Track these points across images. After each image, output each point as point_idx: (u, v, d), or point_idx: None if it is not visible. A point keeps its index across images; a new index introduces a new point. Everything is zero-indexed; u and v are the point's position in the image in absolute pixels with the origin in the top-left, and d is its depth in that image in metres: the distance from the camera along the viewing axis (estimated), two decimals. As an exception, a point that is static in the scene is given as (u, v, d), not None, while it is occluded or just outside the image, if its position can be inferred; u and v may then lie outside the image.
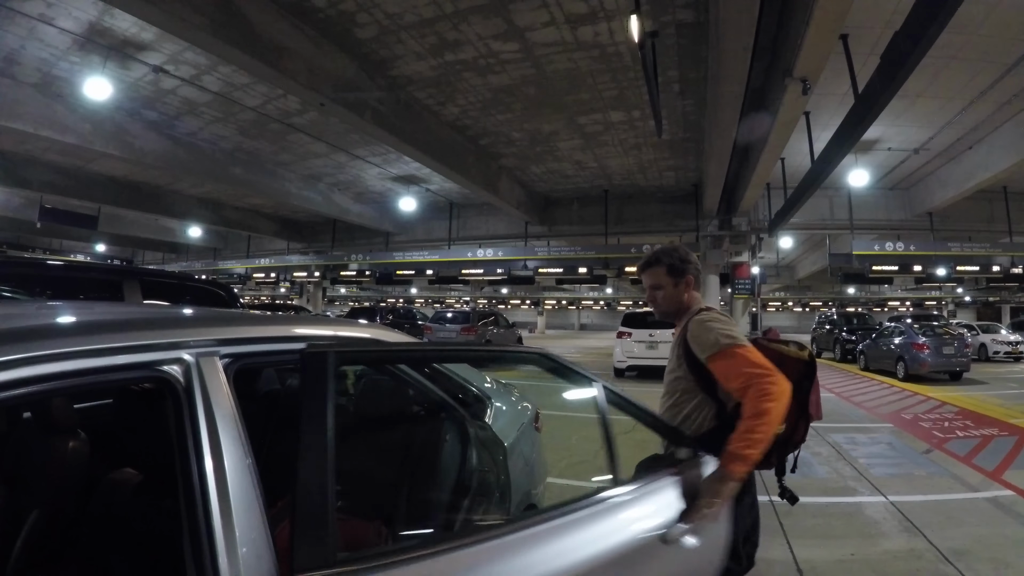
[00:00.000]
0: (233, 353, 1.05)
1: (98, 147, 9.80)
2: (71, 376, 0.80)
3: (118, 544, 1.27)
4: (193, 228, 19.96)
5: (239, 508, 0.89)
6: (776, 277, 27.97)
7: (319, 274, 20.98)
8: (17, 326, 0.82)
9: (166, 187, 15.52)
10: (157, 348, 0.93)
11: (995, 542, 3.11)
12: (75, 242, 24.19)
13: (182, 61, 7.92)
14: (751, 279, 14.60)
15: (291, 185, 14.17)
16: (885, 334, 13.21)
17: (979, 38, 6.56)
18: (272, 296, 33.79)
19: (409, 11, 6.39)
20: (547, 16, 6.43)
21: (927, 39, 4.06)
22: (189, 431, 0.91)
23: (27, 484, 1.36)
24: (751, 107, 7.17)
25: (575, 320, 54.60)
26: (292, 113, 9.88)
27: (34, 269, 3.79)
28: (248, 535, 0.86)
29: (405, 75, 8.09)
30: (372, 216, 17.27)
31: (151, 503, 1.26)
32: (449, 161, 10.37)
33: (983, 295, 31.41)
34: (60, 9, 6.53)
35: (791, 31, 5.55)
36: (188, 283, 4.53)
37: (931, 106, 8.75)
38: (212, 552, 0.83)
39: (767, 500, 3.79)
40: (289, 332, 1.36)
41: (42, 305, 1.32)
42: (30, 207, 15.34)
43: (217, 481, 0.88)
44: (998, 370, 13.67)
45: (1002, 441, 5.62)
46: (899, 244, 13.68)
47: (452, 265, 16.74)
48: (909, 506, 3.69)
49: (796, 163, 10.40)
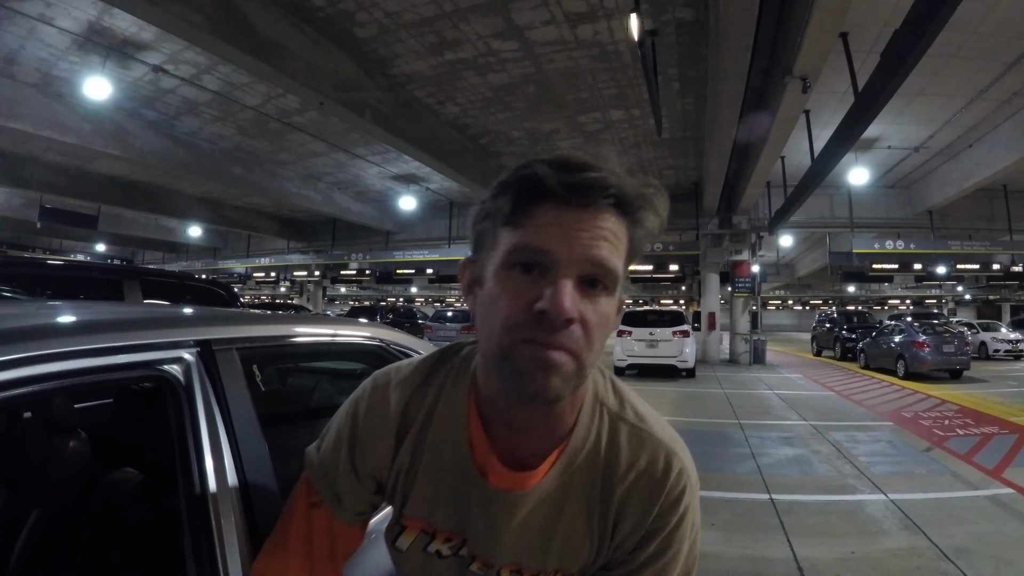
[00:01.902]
0: (234, 352, 1.05)
1: (98, 147, 9.80)
2: (71, 375, 0.80)
3: (118, 544, 1.27)
4: (193, 227, 19.96)
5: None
6: (776, 275, 27.92)
7: (319, 273, 21.00)
8: (17, 326, 0.82)
9: (166, 187, 15.52)
10: (157, 347, 0.93)
11: (995, 540, 3.11)
12: (75, 242, 24.21)
13: (182, 60, 7.92)
14: (751, 277, 14.60)
15: (291, 184, 14.17)
16: (885, 332, 13.20)
17: (979, 36, 6.56)
18: (272, 295, 33.79)
19: (409, 10, 6.38)
20: (547, 15, 6.43)
21: (927, 37, 4.05)
22: (190, 430, 0.91)
23: (27, 484, 1.36)
24: (751, 105, 7.17)
25: (575, 319, 54.53)
26: (292, 112, 9.88)
27: (34, 269, 3.79)
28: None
29: (405, 74, 8.08)
30: (372, 215, 17.28)
31: (152, 503, 1.26)
32: (449, 160, 10.36)
33: (983, 293, 31.43)
34: (60, 9, 6.52)
35: (791, 29, 5.54)
36: (188, 282, 4.52)
37: (931, 104, 8.74)
38: (212, 552, 0.83)
39: (767, 499, 3.81)
40: (290, 331, 1.36)
41: (42, 305, 1.32)
42: (30, 207, 15.34)
43: (218, 480, 0.88)
44: (998, 368, 13.67)
45: (1002, 439, 5.62)
46: (899, 242, 13.68)
47: (452, 264, 16.72)
48: (909, 504, 3.69)
49: (796, 161, 10.40)
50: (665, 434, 0.66)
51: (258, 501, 0.93)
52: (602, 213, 0.55)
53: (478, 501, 0.65)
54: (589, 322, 0.55)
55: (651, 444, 0.64)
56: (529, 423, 0.62)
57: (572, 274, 0.54)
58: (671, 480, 0.63)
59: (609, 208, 0.56)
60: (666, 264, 15.07)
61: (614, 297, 0.57)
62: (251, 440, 0.98)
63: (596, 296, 0.56)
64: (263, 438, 1.01)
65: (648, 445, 0.64)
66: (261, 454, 0.99)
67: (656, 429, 0.66)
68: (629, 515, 0.63)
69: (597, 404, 0.66)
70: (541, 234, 0.54)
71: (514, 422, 0.63)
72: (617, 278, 0.56)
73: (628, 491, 0.63)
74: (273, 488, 0.99)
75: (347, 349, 1.63)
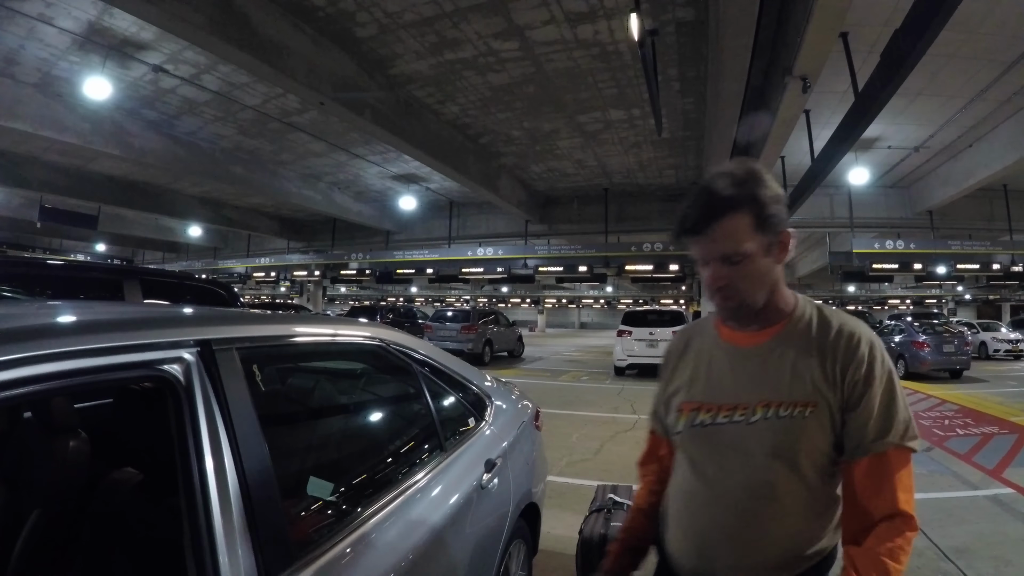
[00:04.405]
0: (234, 351, 1.05)
1: (98, 146, 9.79)
2: (71, 375, 0.80)
3: (119, 544, 1.27)
4: (193, 227, 19.96)
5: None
6: (776, 275, 27.91)
7: (319, 273, 20.99)
8: (17, 326, 0.82)
9: (166, 186, 15.52)
10: (157, 347, 0.93)
11: (996, 540, 3.11)
12: (75, 242, 24.20)
13: (182, 60, 7.92)
14: (751, 277, 14.57)
15: (291, 184, 14.17)
16: (885, 332, 13.21)
17: (979, 36, 6.55)
18: (272, 295, 33.80)
19: (409, 10, 6.38)
20: (547, 14, 6.43)
21: (927, 37, 4.05)
22: (190, 430, 0.91)
23: (27, 484, 1.36)
24: (751, 105, 7.16)
25: (575, 319, 54.60)
26: (292, 112, 9.87)
27: (34, 269, 3.79)
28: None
29: (405, 74, 8.08)
30: (372, 215, 17.28)
31: (152, 502, 1.26)
32: (449, 160, 10.36)
33: (983, 293, 31.43)
34: (59, 9, 6.52)
35: (791, 29, 5.54)
36: (188, 282, 4.52)
37: (931, 104, 8.74)
38: (213, 551, 0.83)
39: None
40: (290, 331, 1.37)
41: (42, 305, 1.32)
42: (30, 207, 15.33)
43: (218, 480, 0.88)
44: (998, 368, 13.67)
45: (1002, 439, 5.62)
46: (899, 242, 13.68)
47: (452, 264, 16.74)
48: (909, 504, 3.68)
49: (796, 161, 10.40)
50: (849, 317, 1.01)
51: (258, 501, 0.93)
52: (717, 228, 0.93)
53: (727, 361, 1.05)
54: (733, 279, 0.95)
55: (841, 318, 1.00)
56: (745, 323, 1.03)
57: (713, 259, 0.95)
58: (858, 336, 0.96)
59: (723, 217, 0.92)
60: (666, 264, 15.07)
61: (755, 255, 0.93)
62: (251, 440, 0.98)
63: (735, 265, 0.94)
64: (263, 438, 1.01)
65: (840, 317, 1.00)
66: (261, 454, 0.99)
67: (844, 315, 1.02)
68: (840, 359, 0.94)
69: (807, 302, 1.04)
70: (693, 250, 0.98)
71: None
72: (744, 252, 0.92)
73: (835, 342, 0.96)
74: (273, 488, 0.99)
75: (347, 349, 1.64)
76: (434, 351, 2.00)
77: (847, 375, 0.93)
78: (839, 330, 0.96)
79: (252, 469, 0.95)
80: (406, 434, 1.79)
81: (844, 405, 0.92)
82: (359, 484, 1.44)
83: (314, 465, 1.36)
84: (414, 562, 1.27)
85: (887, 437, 0.90)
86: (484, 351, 13.92)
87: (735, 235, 0.91)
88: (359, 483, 1.45)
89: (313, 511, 1.21)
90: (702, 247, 0.95)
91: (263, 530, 0.91)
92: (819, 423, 0.92)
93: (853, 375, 0.92)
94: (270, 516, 0.94)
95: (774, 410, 0.95)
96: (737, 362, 1.02)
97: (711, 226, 0.92)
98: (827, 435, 0.93)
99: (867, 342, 0.94)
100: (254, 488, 0.93)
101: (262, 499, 0.94)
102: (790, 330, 0.99)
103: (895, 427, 0.90)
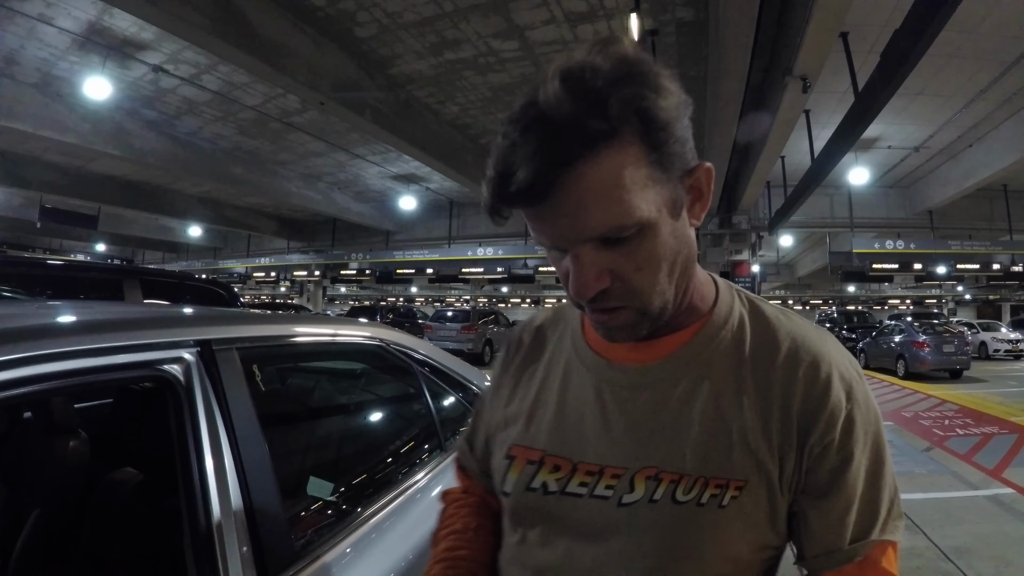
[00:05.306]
0: (234, 351, 1.06)
1: (98, 147, 9.79)
2: (71, 375, 0.80)
3: (118, 544, 1.27)
4: (193, 227, 19.96)
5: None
6: (776, 275, 27.94)
7: (319, 273, 21.00)
8: (17, 325, 0.82)
9: (166, 186, 15.51)
10: (157, 347, 0.93)
11: (996, 540, 3.11)
12: (75, 242, 24.20)
13: (182, 60, 7.92)
14: (751, 277, 14.59)
15: (291, 184, 14.17)
16: (885, 332, 13.21)
17: (979, 36, 6.55)
18: (272, 295, 33.81)
19: (409, 10, 6.38)
20: (547, 14, 6.43)
21: (927, 37, 4.05)
22: (190, 430, 0.91)
23: (27, 484, 1.36)
24: (751, 105, 7.17)
25: (575, 319, 54.59)
26: (292, 112, 9.87)
27: (34, 269, 3.79)
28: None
29: (405, 74, 8.08)
30: (372, 215, 17.27)
31: (152, 503, 1.26)
32: (449, 160, 10.36)
33: (983, 293, 31.43)
34: (59, 9, 6.52)
35: (791, 29, 5.54)
36: (188, 282, 4.52)
37: (931, 104, 8.74)
38: (212, 551, 0.83)
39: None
40: (290, 331, 1.36)
41: (42, 305, 1.32)
42: (30, 207, 15.33)
43: (218, 480, 0.88)
44: (998, 368, 13.67)
45: (1002, 439, 5.62)
46: (899, 242, 13.68)
47: (452, 264, 16.73)
48: (909, 504, 3.69)
49: (796, 161, 10.40)
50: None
51: (258, 501, 0.93)
52: (576, 184, 0.46)
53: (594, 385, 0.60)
54: (623, 273, 0.50)
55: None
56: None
57: (578, 243, 0.49)
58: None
59: (587, 159, 0.46)
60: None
61: (656, 222, 0.49)
62: (251, 440, 0.98)
63: (623, 245, 0.49)
64: (263, 438, 1.01)
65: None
66: (261, 454, 0.99)
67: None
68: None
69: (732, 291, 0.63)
70: (532, 227, 0.51)
71: None
72: (637, 219, 0.48)
73: (786, 375, 0.55)
74: (273, 488, 0.99)
75: (347, 349, 1.63)
76: (434, 351, 2.00)
77: (809, 437, 0.52)
78: (792, 352, 0.55)
79: (252, 469, 0.94)
80: (406, 434, 1.79)
81: (800, 486, 0.53)
82: (359, 484, 1.44)
83: (314, 465, 1.36)
84: (414, 562, 1.27)
85: (870, 535, 0.53)
86: (484, 351, 13.93)
87: (615, 191, 0.47)
88: (359, 483, 1.45)
89: (313, 511, 1.21)
90: (551, 223, 0.50)
91: (263, 530, 0.91)
92: (748, 515, 0.52)
93: (820, 437, 0.52)
94: (270, 516, 0.94)
95: (667, 488, 0.53)
96: (612, 393, 0.58)
97: (563, 182, 0.46)
98: (761, 534, 0.54)
99: (840, 376, 0.54)
100: (254, 488, 0.93)
101: (262, 499, 0.94)
102: (705, 341, 0.57)
103: (879, 513, 0.54)
